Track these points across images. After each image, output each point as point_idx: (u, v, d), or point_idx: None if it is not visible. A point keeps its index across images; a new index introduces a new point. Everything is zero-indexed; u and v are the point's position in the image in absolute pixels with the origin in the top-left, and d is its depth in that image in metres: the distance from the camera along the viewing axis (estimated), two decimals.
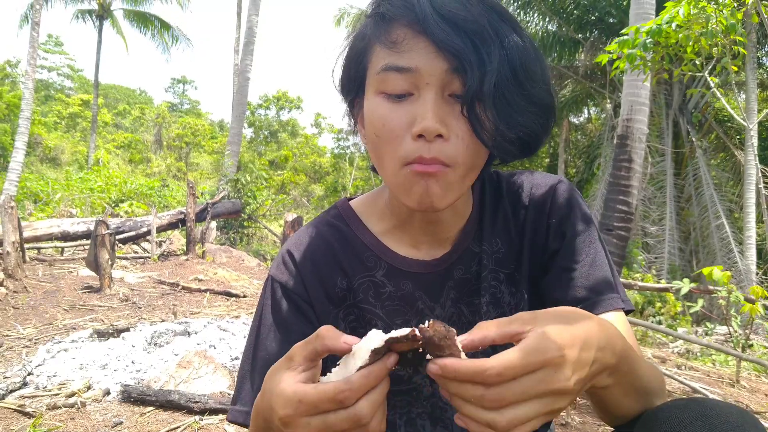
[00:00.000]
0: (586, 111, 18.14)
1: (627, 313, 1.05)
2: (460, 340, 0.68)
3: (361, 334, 1.08)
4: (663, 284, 7.49)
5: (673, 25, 3.78)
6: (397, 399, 1.09)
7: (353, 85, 0.99)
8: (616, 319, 1.00)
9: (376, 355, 0.70)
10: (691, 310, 6.39)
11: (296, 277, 1.09)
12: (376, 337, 0.71)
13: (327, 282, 1.09)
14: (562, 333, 0.67)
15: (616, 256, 9.01)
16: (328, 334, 0.74)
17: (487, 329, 0.69)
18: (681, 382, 3.80)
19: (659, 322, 6.86)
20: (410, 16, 0.85)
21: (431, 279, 1.09)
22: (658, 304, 7.48)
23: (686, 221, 13.03)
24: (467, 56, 0.81)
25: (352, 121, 1.07)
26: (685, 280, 5.52)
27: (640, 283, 7.21)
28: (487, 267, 1.10)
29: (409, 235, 1.10)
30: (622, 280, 6.60)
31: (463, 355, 0.67)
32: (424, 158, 0.87)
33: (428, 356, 0.69)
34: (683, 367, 4.60)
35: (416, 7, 0.84)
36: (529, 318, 0.69)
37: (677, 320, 7.02)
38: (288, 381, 0.73)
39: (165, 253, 8.50)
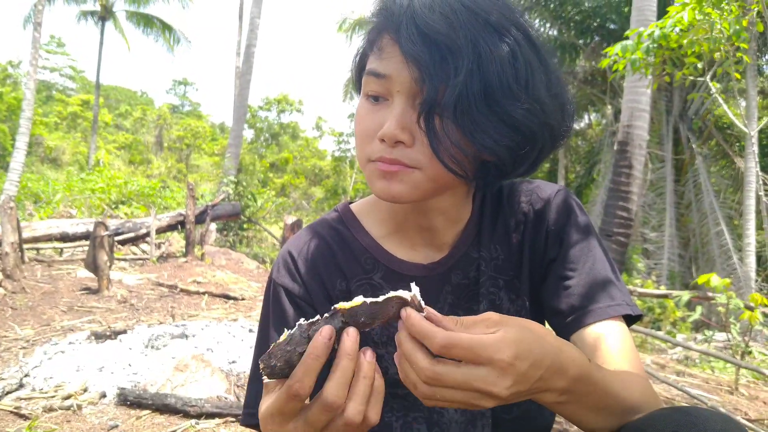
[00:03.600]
0: (586, 116, 18.15)
1: (636, 318, 1.05)
2: (437, 318, 0.71)
3: (360, 335, 1.08)
4: (662, 291, 7.48)
5: (677, 29, 3.77)
6: (394, 402, 1.09)
7: (358, 85, 1.02)
8: (611, 327, 1.00)
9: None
10: (690, 319, 6.38)
11: (297, 280, 1.10)
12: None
13: (327, 284, 1.10)
14: (520, 344, 0.69)
15: (616, 261, 8.99)
16: None
17: (453, 325, 0.72)
18: (679, 389, 3.79)
19: (659, 329, 6.85)
20: (392, 25, 0.88)
21: (428, 283, 1.09)
22: (658, 311, 7.47)
23: (686, 228, 13.03)
24: (429, 68, 0.82)
25: None
26: (686, 291, 5.51)
27: (640, 289, 7.20)
28: (485, 273, 1.10)
29: (406, 238, 1.11)
30: None
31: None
32: (385, 158, 0.90)
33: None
34: (682, 374, 4.59)
35: (395, 17, 0.87)
36: (497, 320, 0.72)
37: (677, 327, 7.01)
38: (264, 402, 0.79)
39: (164, 255, 8.49)
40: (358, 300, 0.71)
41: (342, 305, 0.71)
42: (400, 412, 1.10)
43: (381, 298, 0.71)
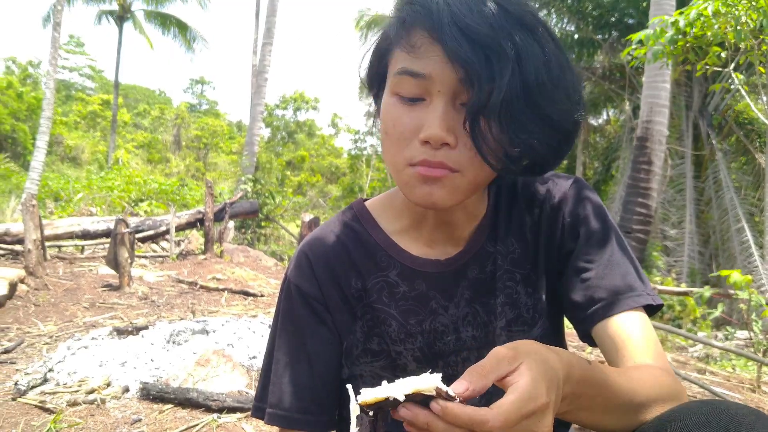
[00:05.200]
0: (604, 112, 18.01)
1: (657, 308, 1.04)
2: (460, 391, 0.68)
3: (377, 334, 1.09)
4: (683, 288, 7.42)
5: (702, 19, 3.70)
6: None
7: (375, 81, 1.01)
8: (633, 318, 0.99)
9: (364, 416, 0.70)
10: (711, 316, 6.32)
11: (311, 280, 1.10)
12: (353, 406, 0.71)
13: (342, 283, 1.10)
14: (544, 376, 0.69)
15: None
16: None
17: (483, 377, 0.69)
18: (701, 386, 3.76)
19: (679, 326, 6.80)
20: (429, 22, 0.85)
21: (444, 278, 1.09)
22: (678, 308, 7.40)
23: (706, 224, 12.88)
24: (476, 69, 0.81)
25: (377, 110, 1.07)
26: (706, 287, 5.46)
27: (660, 287, 7.15)
28: (501, 267, 1.09)
29: (423, 234, 1.10)
30: None
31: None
32: (430, 162, 0.88)
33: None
34: (703, 372, 4.55)
35: (434, 15, 0.84)
36: (513, 355, 0.70)
37: (697, 324, 6.95)
38: None
39: (183, 252, 8.56)
40: (382, 394, 0.68)
41: (365, 400, 0.68)
42: None
43: (404, 394, 0.68)
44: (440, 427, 0.66)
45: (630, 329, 0.98)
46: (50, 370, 3.31)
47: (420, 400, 0.68)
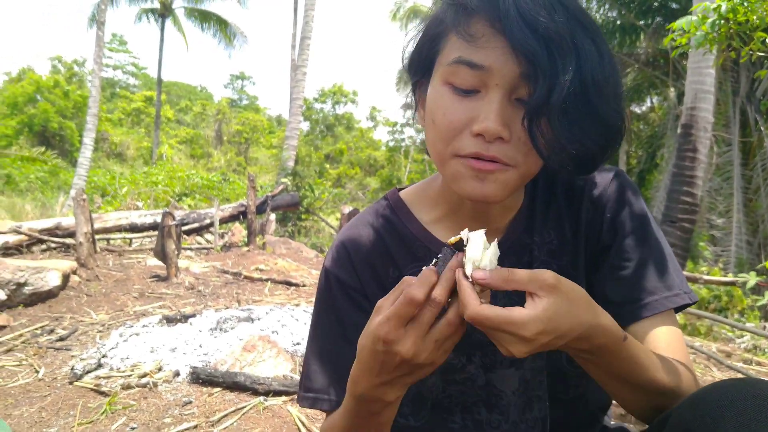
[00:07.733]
0: (648, 100, 17.62)
1: (691, 305, 1.05)
2: (479, 276, 0.78)
3: None
4: (729, 278, 7.26)
5: (745, 3, 3.60)
6: (452, 389, 1.10)
7: (421, 67, 0.99)
8: (663, 323, 1.00)
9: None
10: (758, 303, 6.18)
11: (349, 269, 1.11)
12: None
13: (379, 272, 1.11)
14: (550, 322, 0.74)
15: (680, 248, 8.75)
16: (410, 282, 0.81)
17: (507, 283, 0.78)
18: (745, 375, 3.70)
19: (725, 317, 6.66)
20: (493, 12, 0.84)
21: None
22: (725, 299, 7.24)
23: (755, 213, 12.54)
24: (541, 63, 0.80)
25: (414, 100, 1.07)
26: (752, 273, 5.32)
27: (705, 277, 6.99)
28: (538, 258, 1.08)
29: (458, 223, 1.09)
30: (686, 273, 6.42)
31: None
32: (482, 155, 0.87)
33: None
34: (749, 362, 4.47)
35: (500, 4, 0.83)
36: (550, 287, 0.76)
37: (745, 315, 6.79)
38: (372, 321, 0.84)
39: (227, 244, 8.73)
40: (460, 235, 0.80)
41: (450, 240, 0.81)
42: (459, 398, 1.10)
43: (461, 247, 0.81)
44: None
45: (659, 336, 0.99)
46: (104, 356, 3.45)
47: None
